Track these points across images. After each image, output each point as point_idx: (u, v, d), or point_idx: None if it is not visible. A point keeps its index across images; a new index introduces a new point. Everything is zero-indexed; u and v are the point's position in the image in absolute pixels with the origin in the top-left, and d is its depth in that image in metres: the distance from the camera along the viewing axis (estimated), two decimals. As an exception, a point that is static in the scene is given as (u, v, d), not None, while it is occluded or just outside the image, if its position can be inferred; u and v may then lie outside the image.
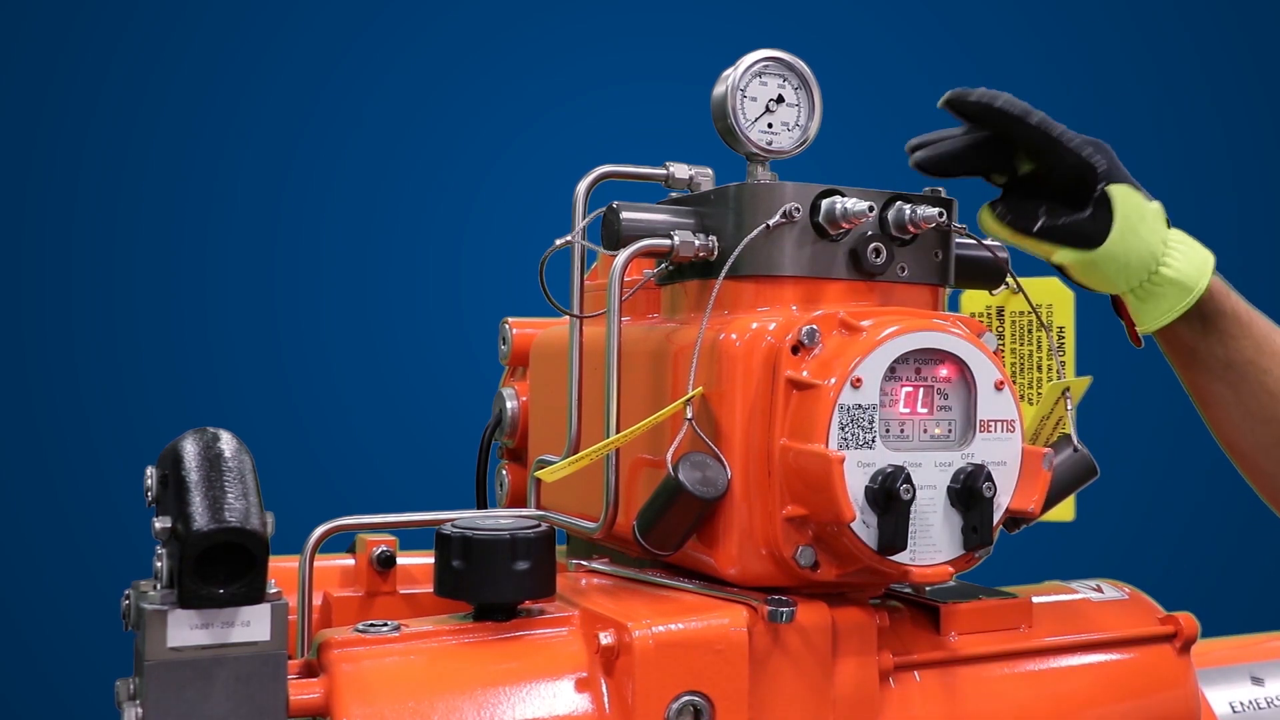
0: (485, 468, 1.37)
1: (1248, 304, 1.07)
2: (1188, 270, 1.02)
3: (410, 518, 1.04)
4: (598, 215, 1.02)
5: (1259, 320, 1.06)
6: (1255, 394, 1.06)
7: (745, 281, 0.97)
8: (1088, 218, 1.00)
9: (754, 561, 0.91)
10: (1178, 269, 1.01)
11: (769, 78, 1.02)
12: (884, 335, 0.89)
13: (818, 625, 0.91)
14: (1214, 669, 1.14)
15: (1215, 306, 1.04)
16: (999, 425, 0.93)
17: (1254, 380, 1.05)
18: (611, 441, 0.96)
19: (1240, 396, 1.06)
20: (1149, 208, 1.02)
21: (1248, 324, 1.05)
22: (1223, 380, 1.06)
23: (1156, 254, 1.01)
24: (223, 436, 0.84)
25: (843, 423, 0.88)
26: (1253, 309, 1.07)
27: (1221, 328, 1.05)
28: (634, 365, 1.02)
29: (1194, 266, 1.02)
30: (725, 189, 0.99)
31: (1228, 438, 1.10)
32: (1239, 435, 1.08)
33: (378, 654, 0.86)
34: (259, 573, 0.78)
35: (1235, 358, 1.05)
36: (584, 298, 1.06)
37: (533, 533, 0.91)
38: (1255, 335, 1.05)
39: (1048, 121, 0.99)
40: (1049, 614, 1.05)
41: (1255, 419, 1.06)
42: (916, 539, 0.89)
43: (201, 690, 0.77)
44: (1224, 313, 1.04)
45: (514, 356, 1.35)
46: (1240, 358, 1.05)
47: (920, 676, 0.96)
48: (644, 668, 0.84)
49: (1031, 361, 1.20)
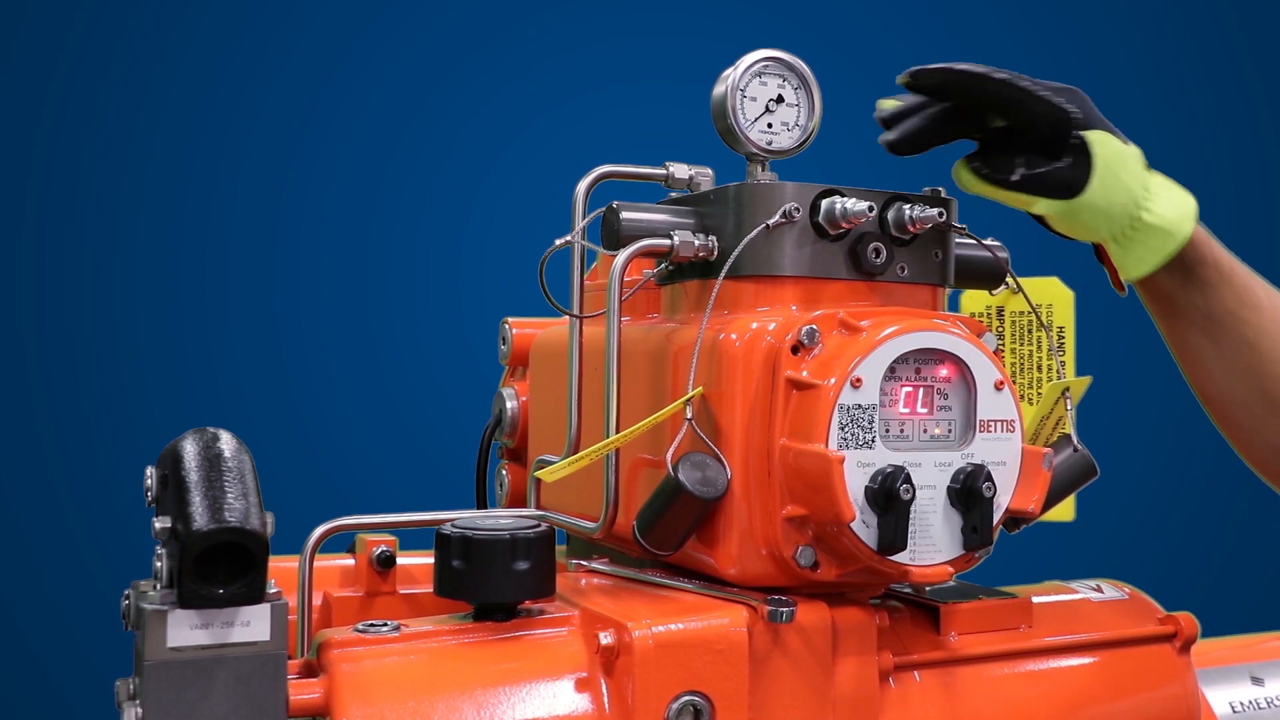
0: (485, 468, 1.37)
1: (1229, 253, 1.04)
2: (1170, 216, 0.99)
3: (410, 518, 1.04)
4: (598, 215, 1.02)
5: (1240, 270, 1.04)
6: (1234, 345, 1.03)
7: (745, 281, 0.97)
8: (1067, 166, 0.97)
9: (754, 561, 0.91)
10: (1160, 214, 0.99)
11: (769, 78, 1.02)
12: (884, 335, 0.89)
13: (818, 625, 0.91)
14: (1214, 669, 1.14)
15: (1197, 254, 1.01)
16: (999, 425, 0.93)
17: (1233, 331, 1.03)
18: (611, 441, 0.96)
19: (1219, 348, 1.04)
20: (1128, 152, 0.99)
21: (1228, 273, 1.03)
22: (1202, 331, 1.04)
23: (1138, 199, 0.99)
24: (223, 436, 0.84)
25: (843, 423, 0.88)
26: (1234, 259, 1.04)
27: (1202, 276, 1.02)
28: (634, 365, 1.02)
29: (1177, 211, 1.00)
30: (725, 189, 0.99)
31: (1205, 391, 1.08)
32: (1216, 388, 1.06)
33: (378, 654, 0.86)
34: (259, 573, 0.78)
35: (1215, 307, 1.03)
36: (584, 298, 1.06)
37: (533, 533, 0.91)
38: (1236, 285, 1.03)
39: (1013, 75, 0.97)
40: (1049, 614, 1.05)
41: (1233, 371, 1.04)
42: (916, 539, 0.89)
43: (201, 690, 0.77)
44: (1205, 261, 1.02)
45: (514, 356, 1.35)
46: (1220, 307, 1.02)
47: (920, 676, 0.96)
48: (644, 668, 0.84)
49: (1031, 361, 1.19)
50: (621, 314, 0.99)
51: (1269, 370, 1.03)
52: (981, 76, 0.96)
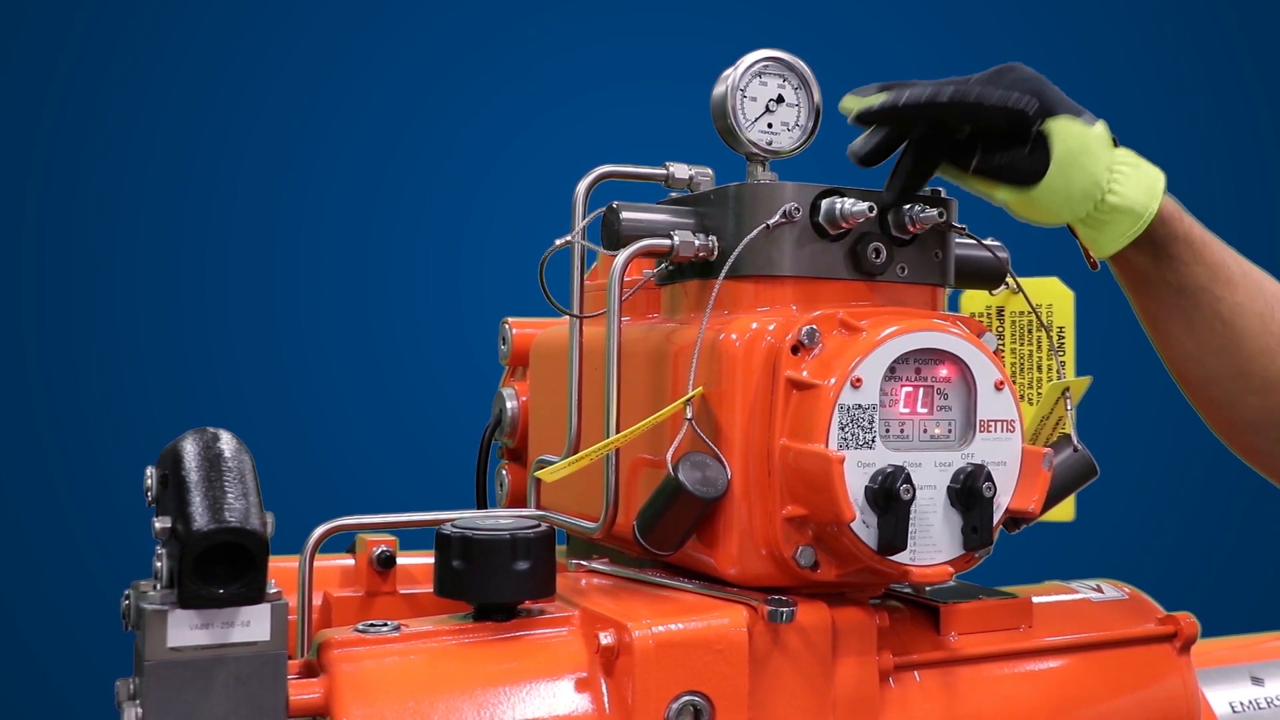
0: (485, 468, 1.37)
1: (1202, 228, 1.03)
2: (1136, 196, 0.98)
3: (410, 518, 1.04)
4: (598, 215, 1.02)
5: (1214, 245, 1.03)
6: (1207, 322, 1.02)
7: (745, 281, 0.97)
8: (1026, 154, 0.96)
9: (754, 561, 0.91)
10: (1124, 195, 0.98)
11: (769, 78, 1.02)
12: (884, 335, 0.89)
13: (818, 625, 0.91)
14: (1214, 669, 1.14)
15: (1168, 231, 1.00)
16: (999, 425, 0.93)
17: (1206, 308, 1.02)
18: (611, 441, 0.96)
19: (1192, 325, 1.03)
20: (1091, 134, 0.98)
21: (1200, 249, 1.02)
22: (1174, 307, 1.03)
23: (1101, 182, 0.98)
24: (223, 436, 0.84)
25: (843, 423, 0.88)
26: (1208, 233, 1.03)
27: (1173, 253, 1.01)
28: (634, 365, 1.02)
29: (1142, 191, 0.99)
30: (725, 189, 0.99)
31: (1179, 367, 1.07)
32: (1190, 364, 1.05)
33: (378, 654, 0.86)
34: (259, 573, 0.78)
35: (1188, 284, 1.02)
36: (584, 298, 1.06)
37: (533, 533, 0.91)
38: (1208, 261, 1.02)
39: (961, 90, 0.95)
40: (1049, 614, 1.05)
41: (1207, 348, 1.03)
42: (916, 539, 0.89)
43: (201, 690, 0.77)
44: (1176, 237, 1.01)
45: (514, 356, 1.35)
46: (1193, 284, 1.02)
47: (920, 676, 0.96)
48: (644, 668, 0.84)
49: (1031, 361, 1.19)
50: (621, 314, 0.99)
51: (1243, 347, 1.02)
52: (929, 104, 0.94)
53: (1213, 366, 1.04)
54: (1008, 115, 0.95)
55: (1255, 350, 1.02)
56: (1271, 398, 1.04)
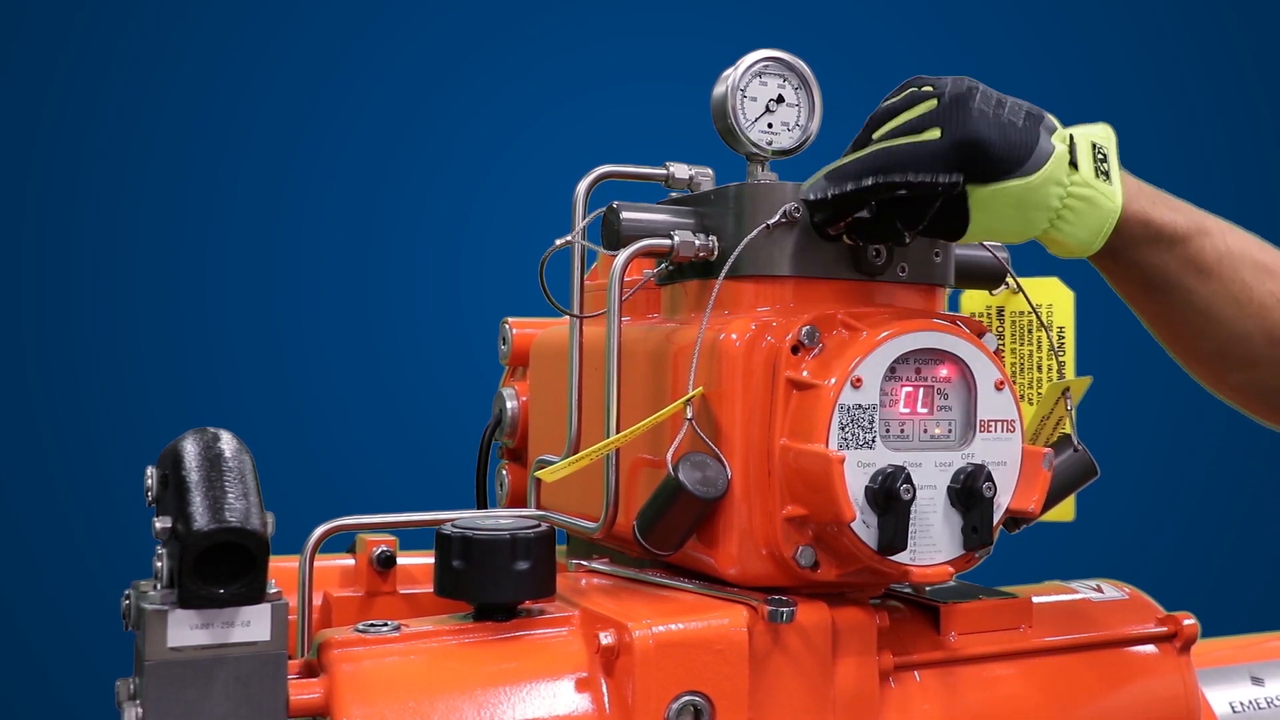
0: (485, 468, 1.37)
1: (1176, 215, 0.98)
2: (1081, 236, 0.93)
3: (410, 518, 1.04)
4: (598, 215, 1.02)
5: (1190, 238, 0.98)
6: (1182, 311, 1.01)
7: (745, 281, 0.97)
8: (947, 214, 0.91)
9: (754, 561, 0.91)
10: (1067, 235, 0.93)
11: (769, 78, 1.02)
12: (884, 335, 0.89)
13: (818, 625, 0.91)
14: (1214, 669, 1.14)
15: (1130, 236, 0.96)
16: (999, 425, 0.93)
17: (1180, 300, 1.00)
18: (611, 441, 0.96)
19: (1168, 314, 1.02)
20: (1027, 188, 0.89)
21: (1170, 243, 0.98)
22: (1147, 299, 1.02)
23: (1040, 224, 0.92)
24: (223, 436, 0.84)
25: (843, 423, 0.88)
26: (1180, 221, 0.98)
27: (1137, 259, 0.98)
28: (634, 365, 1.02)
29: (1089, 231, 0.93)
30: (725, 189, 0.99)
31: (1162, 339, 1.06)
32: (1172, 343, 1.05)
33: (378, 654, 0.86)
34: (259, 573, 0.78)
35: (1157, 282, 0.99)
36: (584, 298, 1.06)
37: (533, 533, 0.91)
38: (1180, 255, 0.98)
39: (886, 169, 0.88)
40: (1049, 614, 1.05)
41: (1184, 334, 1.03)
42: (916, 539, 0.89)
43: (201, 690, 0.77)
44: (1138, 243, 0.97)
45: (514, 356, 1.35)
46: (1162, 281, 0.99)
47: (920, 676, 0.96)
48: (644, 668, 0.84)
49: (1031, 361, 1.19)
50: (621, 314, 0.99)
51: (1220, 332, 1.01)
52: (861, 191, 0.90)
53: (1193, 346, 1.04)
54: (934, 188, 0.89)
55: (1234, 334, 1.01)
56: (1255, 373, 1.04)
